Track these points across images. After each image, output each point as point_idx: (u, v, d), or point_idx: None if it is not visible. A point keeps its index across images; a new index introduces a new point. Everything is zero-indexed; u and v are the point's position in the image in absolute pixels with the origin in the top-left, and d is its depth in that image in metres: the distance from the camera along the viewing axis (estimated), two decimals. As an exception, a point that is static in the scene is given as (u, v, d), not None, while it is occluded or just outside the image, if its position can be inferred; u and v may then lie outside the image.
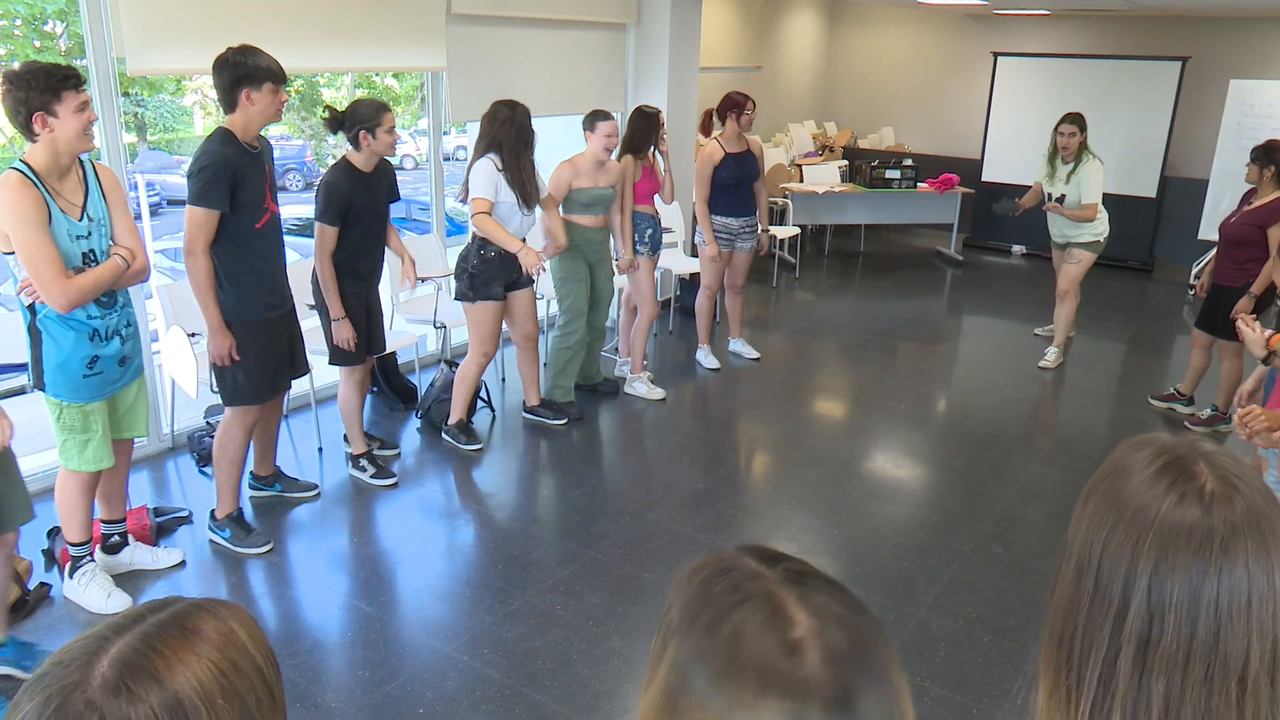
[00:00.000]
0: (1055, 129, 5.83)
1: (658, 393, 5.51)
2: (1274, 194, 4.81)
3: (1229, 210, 5.15)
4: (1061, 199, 5.83)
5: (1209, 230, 8.10)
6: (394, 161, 4.29)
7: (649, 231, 5.32)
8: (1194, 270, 5.53)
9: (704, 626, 0.77)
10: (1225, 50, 9.14)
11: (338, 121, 3.99)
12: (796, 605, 0.75)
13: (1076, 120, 5.74)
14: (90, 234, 3.04)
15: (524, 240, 4.56)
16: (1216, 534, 0.86)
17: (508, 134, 4.40)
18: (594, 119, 4.86)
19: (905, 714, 0.75)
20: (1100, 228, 5.88)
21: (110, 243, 3.12)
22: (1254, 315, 4.84)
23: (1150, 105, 8.95)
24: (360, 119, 3.95)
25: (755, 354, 6.18)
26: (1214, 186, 8.47)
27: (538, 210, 4.65)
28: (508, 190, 4.44)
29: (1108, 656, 0.91)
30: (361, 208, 4.01)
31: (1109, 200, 5.93)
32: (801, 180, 9.32)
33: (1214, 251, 5.33)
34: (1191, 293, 6.10)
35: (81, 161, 3.07)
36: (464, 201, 4.58)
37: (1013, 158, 9.52)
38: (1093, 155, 5.78)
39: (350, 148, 4.02)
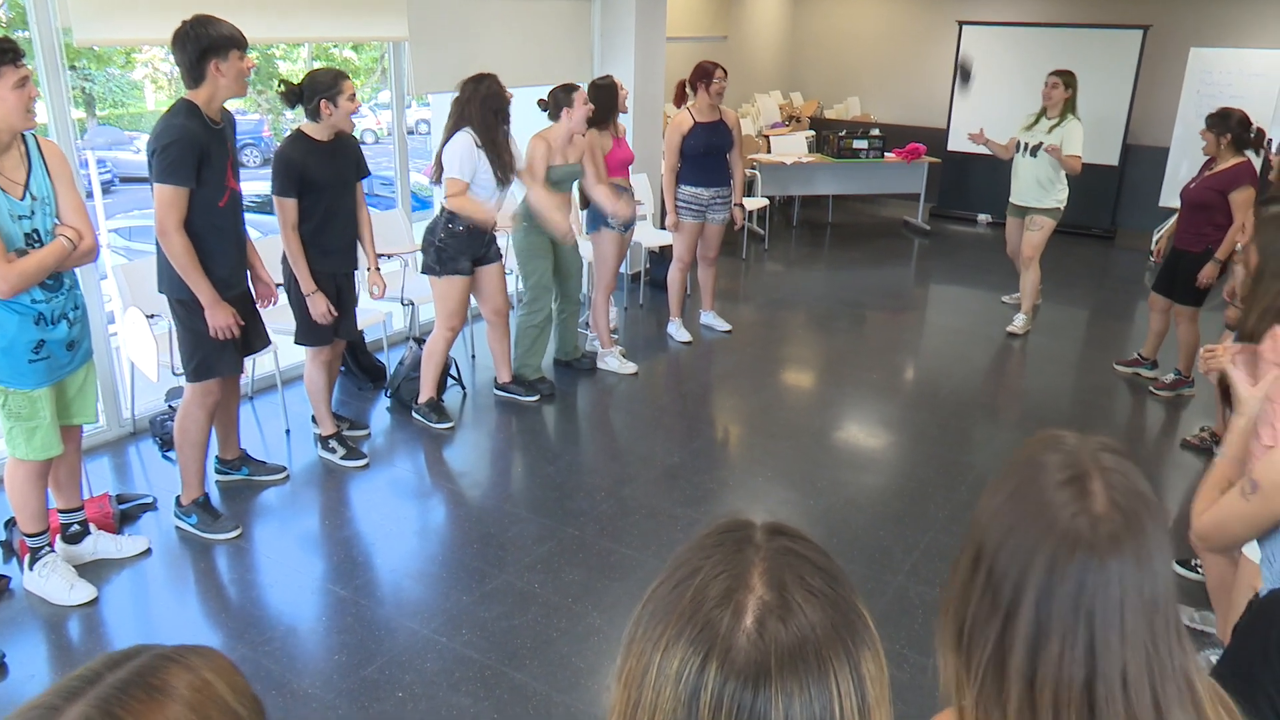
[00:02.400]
0: (1044, 81, 5.88)
1: (630, 367, 5.46)
2: (1233, 160, 4.83)
3: (1189, 177, 5.17)
4: (1038, 148, 5.84)
5: (1170, 197, 8.17)
6: (355, 136, 4.17)
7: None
8: (1154, 236, 5.56)
9: (672, 568, 0.78)
10: (1186, 18, 9.18)
11: (295, 94, 3.85)
12: (762, 575, 0.73)
13: (1062, 74, 5.80)
14: (34, 213, 2.92)
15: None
16: (1099, 550, 0.90)
17: (474, 109, 4.31)
18: (568, 92, 4.76)
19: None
20: (1063, 194, 5.92)
21: (56, 222, 2.99)
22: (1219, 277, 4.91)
23: (1112, 73, 8.98)
24: (320, 88, 3.82)
25: (727, 326, 6.15)
26: (1175, 154, 8.55)
27: (514, 184, 4.58)
28: (486, 167, 4.35)
29: (994, 654, 0.93)
30: (320, 180, 3.88)
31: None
32: (769, 151, 9.27)
33: (1174, 218, 5.36)
34: (1151, 258, 6.15)
35: (24, 137, 2.94)
36: (436, 182, 4.49)
37: (978, 126, 9.51)
38: (1076, 117, 5.81)
39: (308, 120, 3.90)
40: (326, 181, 3.91)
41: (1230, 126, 4.80)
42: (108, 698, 0.72)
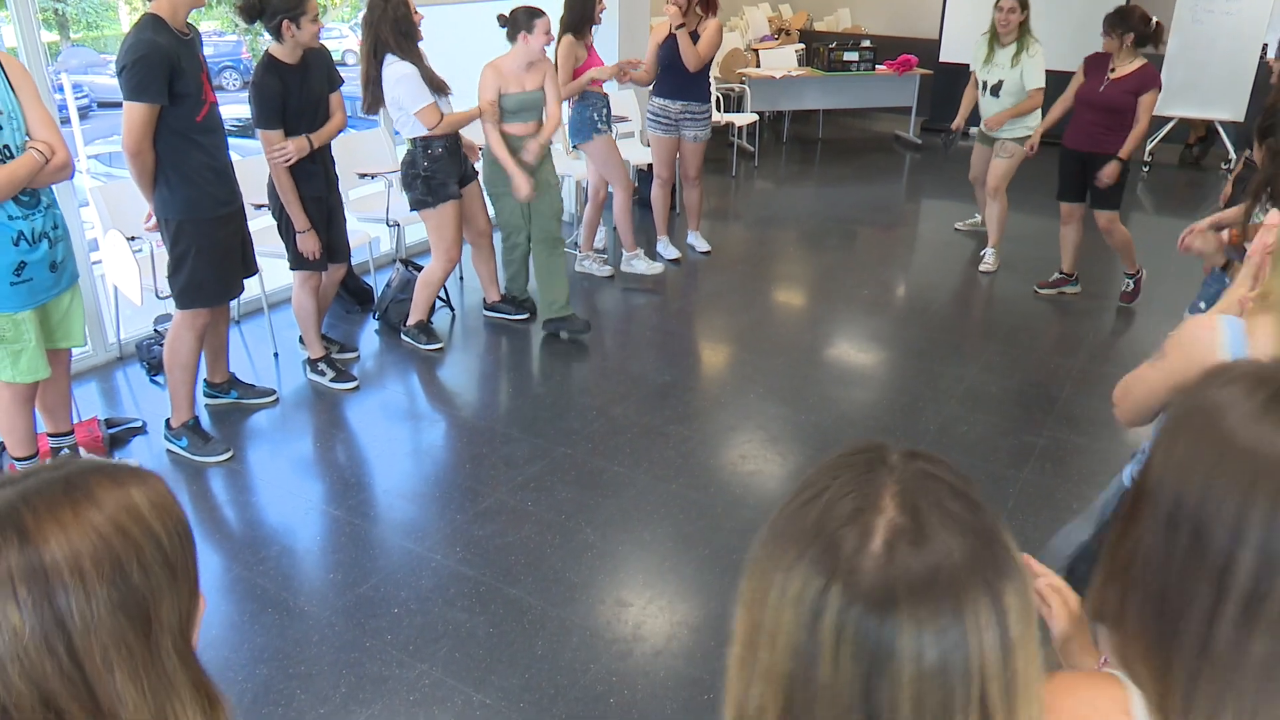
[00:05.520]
0: (995, 5, 5.47)
1: (657, 267, 5.54)
2: (1136, 60, 4.79)
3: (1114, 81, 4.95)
4: (999, 86, 5.57)
5: (1167, 106, 8.05)
6: (335, 57, 4.04)
7: (603, 110, 5.15)
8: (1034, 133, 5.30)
9: (799, 489, 0.73)
10: (1186, -80, 8.91)
11: (254, 9, 3.64)
12: (894, 497, 0.68)
13: None
14: (1, 128, 2.84)
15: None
16: None
17: (386, 32, 4.08)
18: (530, 17, 4.44)
19: (980, 662, 0.65)
20: (1033, 121, 5.58)
21: (26, 138, 2.91)
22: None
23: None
24: (281, 7, 3.63)
25: (706, 247, 6.05)
26: (1170, 61, 8.39)
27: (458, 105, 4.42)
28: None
29: (1205, 617, 0.81)
30: (298, 105, 3.77)
31: (1065, 79, 5.67)
32: (758, 65, 9.07)
33: (1057, 117, 5.24)
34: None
35: None
36: (368, 111, 4.30)
37: (972, 36, 9.31)
38: (1034, 39, 5.48)
39: (271, 39, 3.76)
40: (304, 105, 3.81)
41: (1133, 24, 4.73)
42: (27, 491, 0.74)
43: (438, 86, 4.23)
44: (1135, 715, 0.86)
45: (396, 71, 4.11)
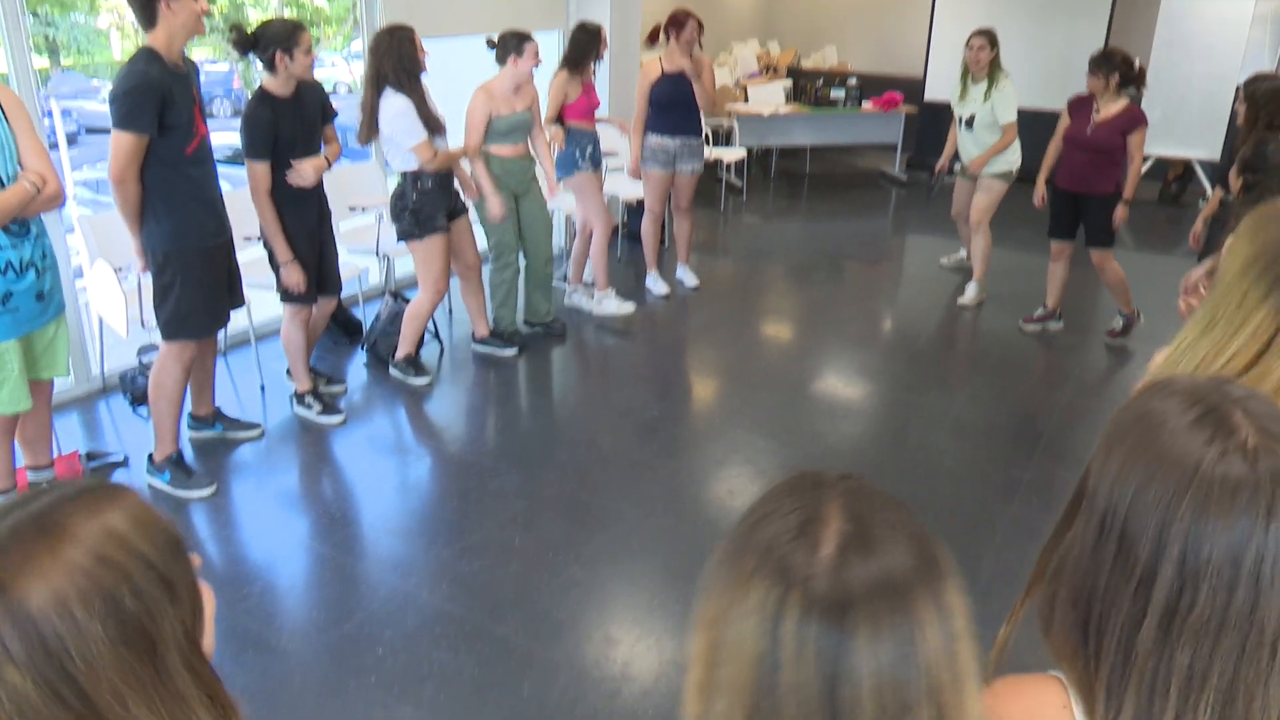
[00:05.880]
0: (966, 43, 5.60)
1: (628, 306, 5.47)
2: (1121, 102, 4.87)
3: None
4: (972, 119, 5.65)
5: (1145, 145, 8.16)
6: (326, 88, 4.06)
7: (589, 148, 5.18)
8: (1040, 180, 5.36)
9: (746, 515, 0.77)
10: (1161, -35, 9.11)
11: (248, 42, 3.68)
12: (839, 509, 0.72)
13: (986, 33, 5.53)
14: None
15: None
16: (1263, 489, 0.79)
17: (388, 68, 4.11)
18: (519, 40, 4.55)
19: (931, 657, 0.69)
20: (1011, 156, 5.66)
21: (18, 168, 2.90)
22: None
23: (1085, 22, 8.95)
24: (274, 39, 3.65)
25: (695, 282, 6.08)
26: (1148, 102, 8.50)
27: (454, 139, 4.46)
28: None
29: (1128, 625, 0.83)
30: (290, 136, 3.78)
31: (1045, 118, 5.77)
32: (746, 101, 9.16)
33: (1052, 161, 5.24)
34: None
35: None
36: (363, 142, 4.33)
37: (956, 76, 9.44)
38: (1005, 75, 5.57)
39: (265, 72, 3.78)
40: (296, 136, 3.82)
41: (1116, 65, 4.81)
42: (0, 539, 0.71)
43: (433, 125, 4.23)
44: (1077, 716, 0.89)
45: (392, 106, 4.13)
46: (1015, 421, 4.41)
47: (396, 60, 4.10)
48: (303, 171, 3.81)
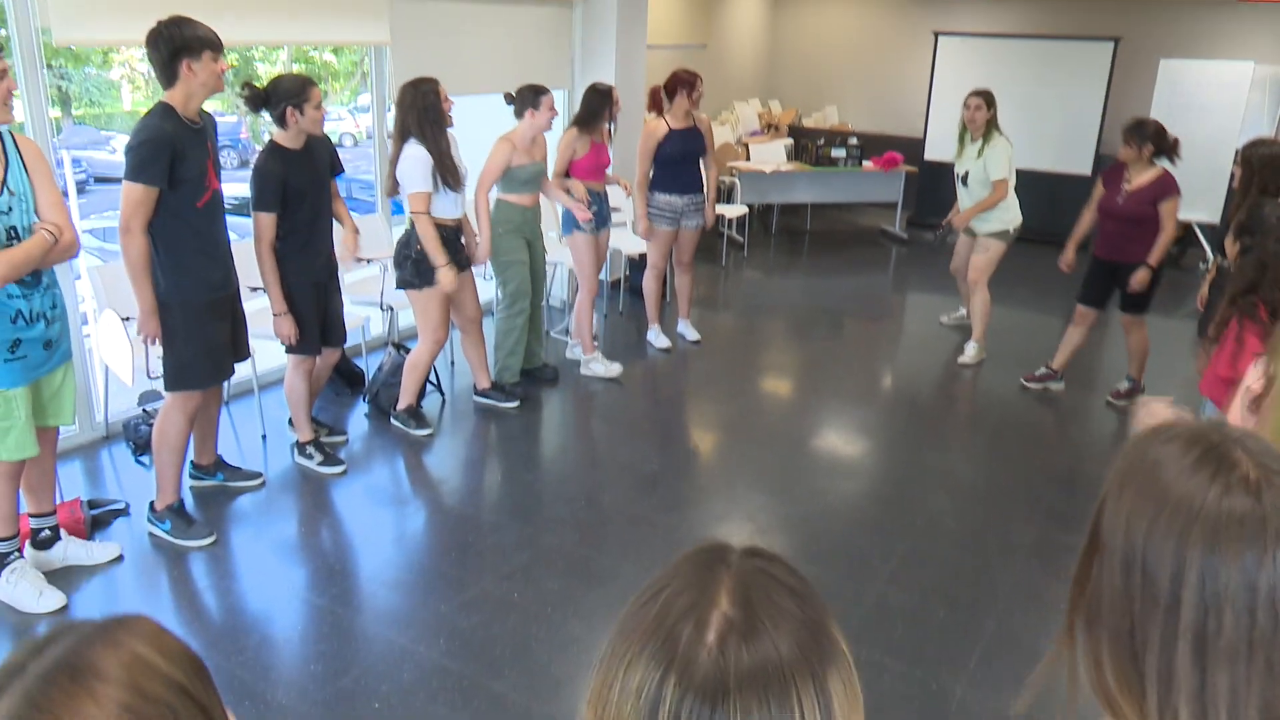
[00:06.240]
0: (964, 103, 5.73)
1: (615, 369, 5.47)
2: (1153, 170, 4.90)
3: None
4: (966, 176, 5.75)
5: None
6: (333, 139, 4.15)
7: (594, 208, 5.26)
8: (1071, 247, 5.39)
9: (644, 588, 0.77)
10: (1155, 31, 9.31)
11: (260, 98, 3.80)
12: (729, 592, 0.72)
13: (983, 94, 5.65)
14: (10, 209, 2.88)
15: (462, 217, 4.53)
16: (1270, 521, 0.83)
17: (413, 120, 4.24)
18: (536, 94, 4.74)
19: None
20: (1008, 215, 5.74)
21: (35, 219, 2.95)
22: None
23: (1084, 84, 9.11)
24: (285, 94, 3.77)
25: (696, 336, 6.14)
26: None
27: (471, 185, 4.56)
28: (434, 174, 4.31)
29: (1164, 652, 0.87)
30: (300, 188, 3.86)
31: (1046, 178, 5.86)
32: (748, 159, 9.30)
33: (1084, 229, 5.31)
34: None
35: (1, 133, 2.90)
36: (390, 195, 4.46)
37: (955, 136, 9.60)
38: (1001, 135, 5.68)
39: (276, 127, 3.87)
40: (306, 188, 3.89)
41: (1149, 135, 4.86)
42: (32, 692, 0.68)
43: (452, 178, 4.32)
44: None
45: (409, 153, 4.26)
46: (1015, 483, 4.42)
47: (421, 112, 4.22)
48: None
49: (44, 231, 2.91)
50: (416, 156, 4.24)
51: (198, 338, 3.48)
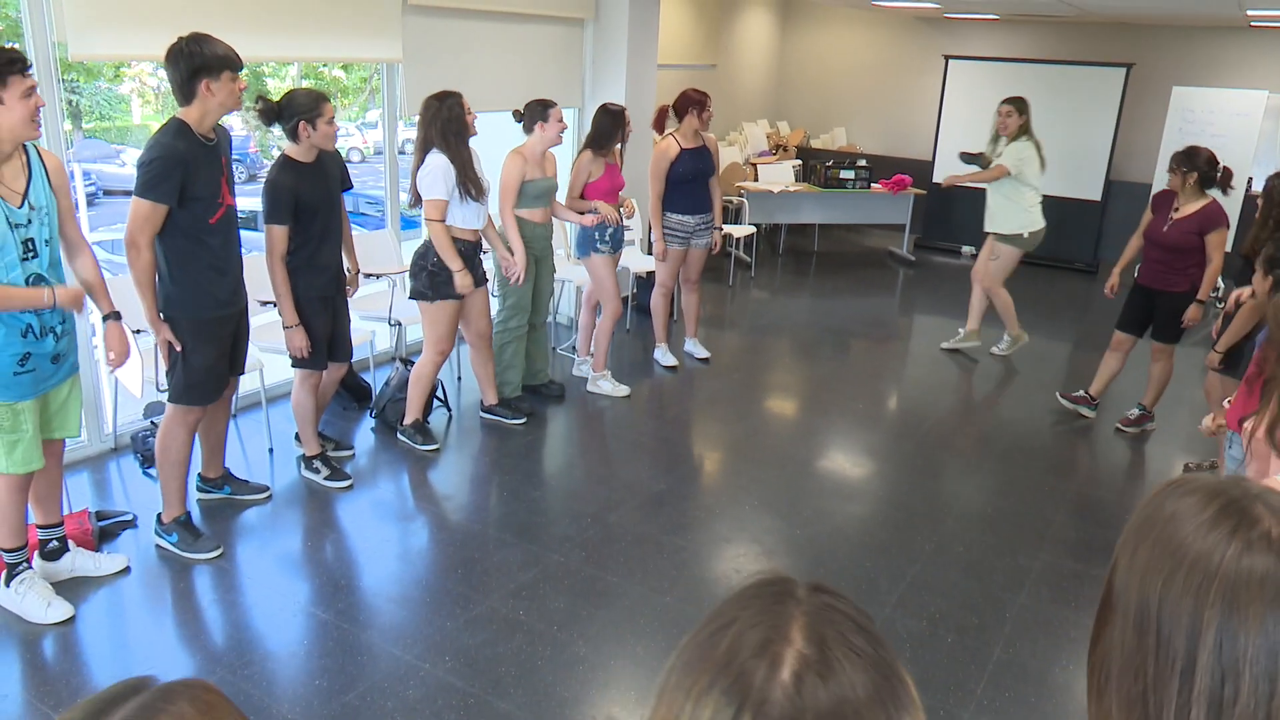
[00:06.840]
0: (996, 110, 5.96)
1: (623, 389, 5.47)
2: (1200, 199, 4.83)
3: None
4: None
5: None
6: (338, 150, 4.18)
7: (609, 229, 5.27)
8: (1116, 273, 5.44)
9: (708, 619, 0.75)
10: (1168, 58, 9.35)
11: (273, 113, 3.83)
12: (802, 629, 0.71)
13: (1014, 101, 5.84)
14: (30, 222, 2.90)
15: (481, 231, 4.55)
16: None
17: (435, 132, 4.29)
18: (544, 108, 4.78)
19: None
20: (1025, 219, 5.83)
21: (56, 233, 2.98)
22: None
23: (1096, 110, 9.13)
24: (298, 109, 3.80)
25: (705, 354, 6.14)
26: (1157, 191, 8.66)
27: (493, 197, 4.59)
28: (456, 184, 4.35)
29: (1180, 714, 0.83)
30: (312, 201, 3.88)
31: (1055, 202, 5.98)
32: (756, 179, 9.33)
33: (1131, 254, 5.32)
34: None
35: (25, 147, 2.93)
36: (414, 206, 4.47)
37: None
38: (1031, 139, 5.85)
39: (288, 140, 3.89)
40: (318, 202, 3.91)
41: (1198, 165, 4.78)
42: None
43: (471, 190, 4.35)
44: None
45: (432, 162, 4.31)
46: (1024, 508, 4.40)
47: (444, 124, 4.27)
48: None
49: (46, 294, 2.93)
50: (438, 165, 4.29)
51: (202, 353, 3.49)
